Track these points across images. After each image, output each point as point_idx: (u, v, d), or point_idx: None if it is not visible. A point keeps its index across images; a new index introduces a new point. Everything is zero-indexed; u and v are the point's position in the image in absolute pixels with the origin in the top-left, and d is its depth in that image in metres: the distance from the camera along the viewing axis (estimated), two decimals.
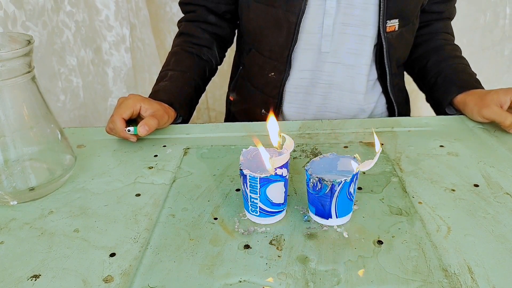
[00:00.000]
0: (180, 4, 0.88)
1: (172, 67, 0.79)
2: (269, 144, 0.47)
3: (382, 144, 0.64)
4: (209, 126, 0.72)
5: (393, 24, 0.75)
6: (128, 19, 1.15)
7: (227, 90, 0.98)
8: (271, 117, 0.47)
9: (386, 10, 0.73)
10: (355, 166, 0.45)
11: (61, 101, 1.02)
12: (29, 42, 0.49)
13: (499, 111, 0.65)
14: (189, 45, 0.83)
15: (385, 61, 0.78)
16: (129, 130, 0.63)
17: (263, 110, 0.84)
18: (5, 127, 0.50)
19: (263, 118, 0.83)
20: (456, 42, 0.88)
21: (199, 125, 0.72)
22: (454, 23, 0.90)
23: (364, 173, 0.56)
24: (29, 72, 0.50)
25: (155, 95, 0.72)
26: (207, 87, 0.87)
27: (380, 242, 0.44)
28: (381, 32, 0.75)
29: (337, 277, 0.40)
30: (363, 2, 0.73)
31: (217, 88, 1.56)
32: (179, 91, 0.75)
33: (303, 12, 0.73)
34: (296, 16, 0.73)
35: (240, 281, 0.40)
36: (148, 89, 0.74)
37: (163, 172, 0.58)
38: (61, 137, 0.55)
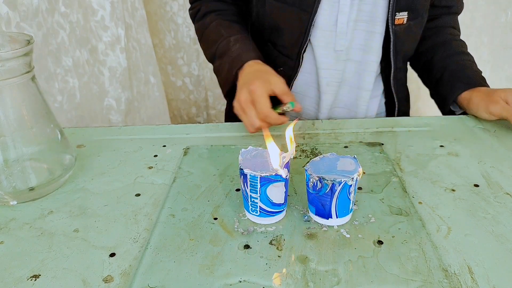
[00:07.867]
0: None
1: (228, 34, 0.77)
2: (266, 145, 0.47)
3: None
4: (209, 126, 0.72)
5: (402, 17, 0.74)
6: (123, 19, 1.15)
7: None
8: (271, 141, 0.47)
9: (396, 2, 0.72)
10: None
11: (58, 102, 1.02)
12: (29, 42, 0.49)
13: (507, 107, 0.66)
14: (224, 18, 0.81)
15: (391, 54, 0.77)
16: (288, 107, 0.58)
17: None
18: (5, 127, 0.50)
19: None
20: (476, 41, 0.87)
21: (199, 125, 0.72)
22: (474, 22, 0.88)
23: (364, 173, 0.56)
24: (29, 72, 0.50)
25: (243, 56, 0.71)
26: (207, 86, 0.87)
27: (380, 242, 0.44)
28: (389, 24, 0.74)
29: (337, 277, 0.40)
30: None
31: (217, 87, 1.56)
32: (254, 47, 0.75)
33: (316, 10, 0.72)
34: (308, 14, 0.73)
35: (240, 281, 0.40)
36: (143, 89, 0.72)
37: (163, 172, 0.58)
38: (61, 137, 0.55)
